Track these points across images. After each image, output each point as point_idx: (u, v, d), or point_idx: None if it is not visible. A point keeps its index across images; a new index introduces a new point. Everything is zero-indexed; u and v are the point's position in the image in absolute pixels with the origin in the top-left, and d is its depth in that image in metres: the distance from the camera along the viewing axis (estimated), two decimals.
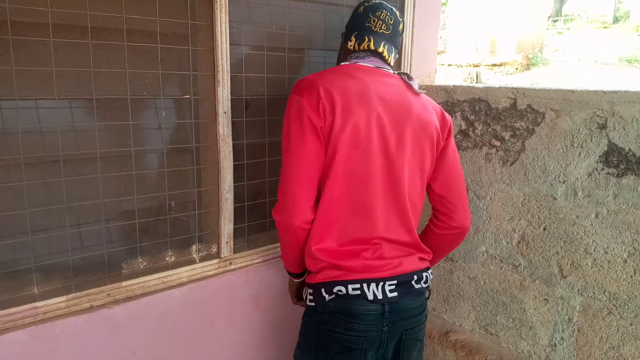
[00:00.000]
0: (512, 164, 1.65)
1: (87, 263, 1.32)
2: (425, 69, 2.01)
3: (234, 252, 1.57)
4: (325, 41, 1.70)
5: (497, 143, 1.68)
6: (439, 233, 1.40)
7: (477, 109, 1.73)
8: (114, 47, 1.27)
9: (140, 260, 1.42)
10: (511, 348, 1.73)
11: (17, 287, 1.23)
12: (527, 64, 12.07)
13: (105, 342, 1.34)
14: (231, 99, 1.46)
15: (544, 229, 1.59)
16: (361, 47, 1.33)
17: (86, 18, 1.21)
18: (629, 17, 15.91)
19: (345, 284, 1.21)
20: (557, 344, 1.60)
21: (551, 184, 1.56)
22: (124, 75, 1.30)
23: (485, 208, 1.74)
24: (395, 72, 1.36)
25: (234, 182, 1.51)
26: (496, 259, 1.73)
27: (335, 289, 1.21)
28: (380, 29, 1.33)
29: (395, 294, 1.22)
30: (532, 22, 12.56)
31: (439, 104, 1.84)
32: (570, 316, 1.56)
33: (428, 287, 1.32)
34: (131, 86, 1.32)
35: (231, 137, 1.48)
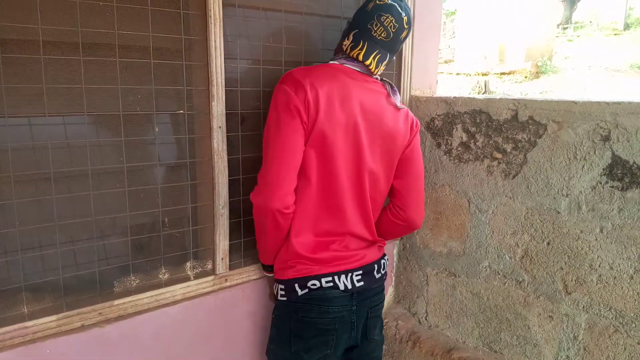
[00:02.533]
0: (514, 177, 1.61)
1: (78, 281, 1.30)
2: (426, 80, 1.98)
3: (230, 269, 1.55)
4: (323, 54, 1.68)
5: (499, 155, 1.64)
6: (392, 220, 1.49)
7: (478, 120, 1.69)
8: (106, 63, 1.26)
9: (133, 278, 1.39)
10: None
11: (6, 306, 1.21)
12: (537, 72, 11.98)
13: None
14: (226, 113, 1.45)
15: (548, 243, 1.55)
16: (352, 54, 1.34)
17: (77, 34, 1.20)
18: None
19: (319, 277, 1.32)
20: None
21: (554, 198, 1.52)
22: (116, 91, 1.29)
23: (487, 222, 1.70)
24: (380, 79, 1.41)
25: (230, 198, 1.49)
26: (499, 274, 1.68)
27: (309, 284, 1.32)
28: (380, 35, 1.33)
29: (362, 283, 1.37)
30: (542, 29, 12.49)
31: (439, 115, 1.82)
32: (576, 334, 1.51)
33: (385, 272, 1.49)
34: (124, 102, 1.30)
35: (226, 151, 1.46)
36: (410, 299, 2.02)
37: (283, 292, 1.36)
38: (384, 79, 1.41)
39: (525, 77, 11.92)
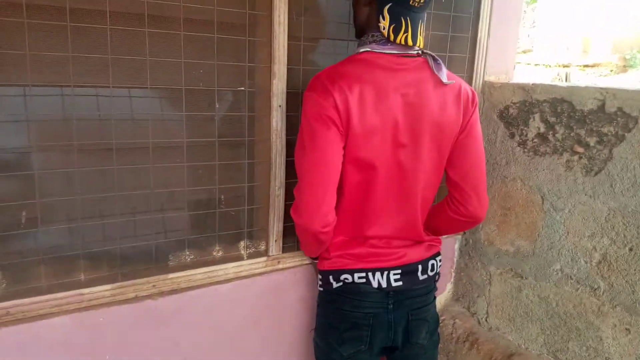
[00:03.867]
0: (596, 174, 1.46)
1: (135, 253, 1.32)
2: (503, 65, 1.84)
3: (283, 252, 1.52)
4: None
5: (581, 149, 1.49)
6: (451, 216, 1.34)
7: (558, 110, 1.55)
8: (171, 36, 1.25)
9: (188, 253, 1.39)
10: None
11: (64, 272, 1.24)
12: (624, 66, 11.07)
13: (148, 333, 1.33)
14: (287, 92, 1.40)
15: (630, 249, 1.39)
16: (397, 40, 1.13)
17: (143, 6, 1.20)
18: None
19: (352, 272, 1.25)
20: None
21: None
22: (179, 65, 1.28)
23: (562, 221, 1.56)
24: (421, 52, 1.20)
25: (286, 179, 1.45)
26: (572, 279, 1.54)
27: (342, 277, 1.26)
28: (420, 2, 1.12)
29: (400, 283, 1.27)
30: (631, 20, 11.52)
31: (514, 103, 1.68)
32: None
33: (435, 274, 1.35)
34: (186, 76, 1.29)
35: (285, 131, 1.42)
36: (470, 298, 1.91)
37: (321, 282, 1.33)
38: (425, 51, 1.20)
39: (611, 71, 11.05)
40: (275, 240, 1.48)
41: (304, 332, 1.61)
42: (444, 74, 1.18)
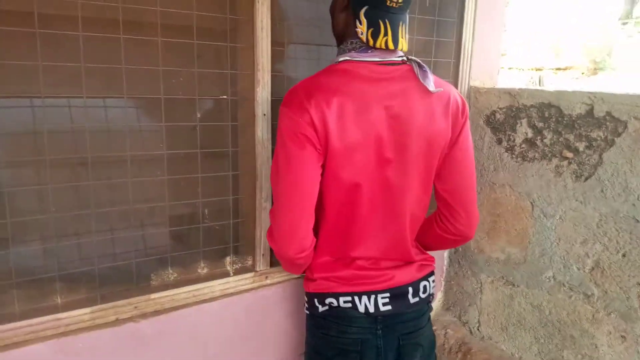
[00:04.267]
0: (586, 179, 1.44)
1: (114, 273, 1.24)
2: (487, 69, 1.82)
3: (271, 266, 1.45)
4: None
5: (570, 155, 1.48)
6: (439, 234, 1.26)
7: (546, 115, 1.53)
8: (147, 42, 1.19)
9: (171, 271, 1.32)
10: None
11: (40, 296, 1.16)
12: (595, 69, 11.35)
13: (131, 358, 1.25)
14: (272, 100, 1.35)
15: (623, 255, 1.38)
16: (377, 45, 1.04)
17: (118, 11, 1.13)
18: None
19: (336, 296, 1.16)
20: None
21: (633, 204, 1.34)
22: (158, 73, 1.21)
23: (553, 228, 1.53)
24: (406, 59, 1.10)
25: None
26: (565, 286, 1.52)
27: (327, 300, 1.17)
28: (398, 2, 1.03)
29: (389, 307, 1.16)
30: (600, 24, 11.83)
31: (501, 108, 1.66)
32: None
33: (428, 296, 1.24)
34: (165, 85, 1.23)
35: (270, 141, 1.36)
36: (461, 307, 1.88)
37: (307, 305, 1.23)
38: (410, 57, 1.10)
39: (583, 73, 11.30)
40: (263, 255, 1.42)
41: (293, 350, 1.55)
42: (431, 82, 1.08)
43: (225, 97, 1.33)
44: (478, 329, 1.82)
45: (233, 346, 1.42)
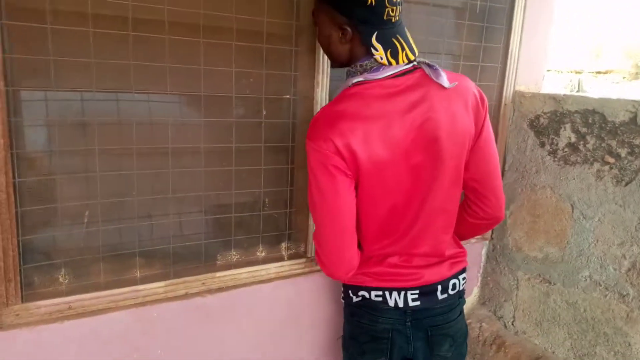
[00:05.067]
0: (627, 184, 1.50)
1: (186, 252, 1.38)
2: (532, 75, 1.89)
3: None
4: (429, 44, 1.65)
5: (612, 160, 1.54)
6: (470, 221, 1.31)
7: (590, 121, 1.60)
8: (223, 46, 1.31)
9: (234, 252, 1.46)
10: None
11: (122, 269, 1.31)
12: (636, 73, 11.07)
13: (197, 329, 1.39)
14: (328, 100, 1.46)
15: None
16: (399, 62, 1.09)
17: (199, 17, 1.26)
18: None
19: (368, 290, 1.24)
20: None
21: None
22: (230, 73, 1.34)
23: (592, 230, 1.60)
24: (415, 63, 1.12)
25: None
26: (600, 285, 1.59)
27: (360, 292, 1.26)
28: (395, 15, 1.06)
29: (417, 303, 1.23)
30: None
31: (545, 113, 1.73)
32: None
33: (457, 292, 1.29)
34: (237, 85, 1.35)
35: None
36: (497, 302, 1.96)
37: (342, 295, 1.33)
38: (419, 60, 1.13)
39: (624, 77, 11.06)
40: (313, 243, 1.54)
41: (334, 333, 1.67)
42: (444, 78, 1.10)
43: (288, 96, 1.44)
44: (512, 324, 1.89)
45: (285, 325, 1.55)
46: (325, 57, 1.42)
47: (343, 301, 1.34)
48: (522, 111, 1.82)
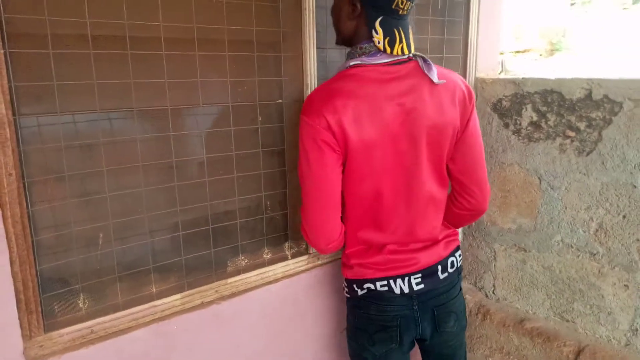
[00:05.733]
0: (588, 154, 1.68)
1: (197, 262, 1.40)
2: (490, 62, 2.04)
3: None
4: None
5: (572, 134, 1.71)
6: (456, 212, 1.38)
7: (549, 100, 1.76)
8: (217, 57, 1.34)
9: (242, 257, 1.49)
10: (589, 334, 1.77)
11: (138, 286, 1.31)
12: (551, 50, 11.91)
13: (214, 337, 1.41)
14: None
15: (624, 217, 1.62)
16: (394, 52, 1.15)
17: (193, 31, 1.28)
18: None
19: (373, 281, 1.29)
20: (638, 328, 1.64)
21: (631, 173, 1.59)
22: (226, 83, 1.37)
23: (560, 198, 1.77)
24: (412, 56, 1.19)
25: None
26: (572, 247, 1.76)
27: (365, 285, 1.31)
28: (404, 6, 1.12)
29: (421, 286, 1.30)
30: (554, 6, 12.42)
31: (506, 96, 1.88)
32: None
33: (456, 270, 1.38)
34: (232, 93, 1.38)
35: None
36: (477, 274, 2.11)
37: (346, 290, 1.37)
38: (416, 53, 1.20)
39: (541, 55, 11.85)
40: None
41: (340, 323, 1.74)
42: (435, 74, 1.17)
43: (280, 101, 1.49)
44: (493, 292, 2.05)
45: (294, 322, 1.60)
46: (314, 60, 1.48)
47: (347, 295, 1.38)
48: (485, 96, 1.96)
